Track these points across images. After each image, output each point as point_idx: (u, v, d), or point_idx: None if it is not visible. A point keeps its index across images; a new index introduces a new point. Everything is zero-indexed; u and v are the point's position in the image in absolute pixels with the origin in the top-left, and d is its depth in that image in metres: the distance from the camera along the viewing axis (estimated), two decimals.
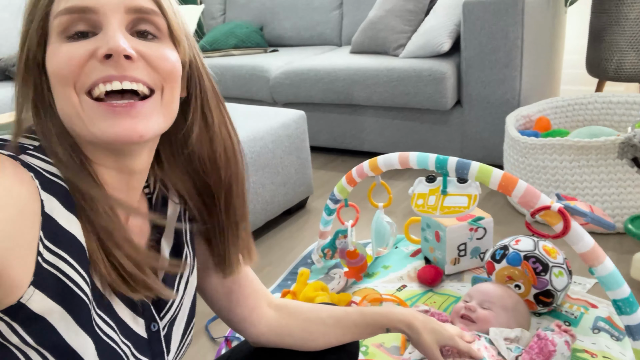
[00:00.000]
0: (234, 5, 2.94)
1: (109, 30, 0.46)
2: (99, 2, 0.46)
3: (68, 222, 0.47)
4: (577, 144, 1.38)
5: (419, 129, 2.02)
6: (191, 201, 0.62)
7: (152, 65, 0.49)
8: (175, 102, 0.53)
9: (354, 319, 0.75)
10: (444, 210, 0.96)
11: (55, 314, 0.45)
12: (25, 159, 0.47)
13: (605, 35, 1.90)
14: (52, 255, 0.45)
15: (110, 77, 0.46)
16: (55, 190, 0.47)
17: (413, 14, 2.04)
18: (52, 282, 0.45)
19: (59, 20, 0.46)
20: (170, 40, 0.51)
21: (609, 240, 1.40)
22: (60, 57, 0.47)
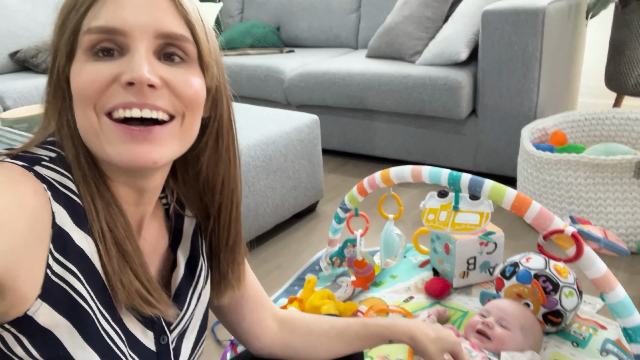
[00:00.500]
0: (252, 4, 2.95)
1: (135, 56, 0.46)
2: (129, 24, 0.46)
3: (78, 235, 0.47)
4: (592, 161, 1.36)
5: (432, 136, 2.00)
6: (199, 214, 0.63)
7: (175, 93, 0.48)
8: (195, 127, 0.53)
9: (356, 330, 0.75)
10: (455, 226, 0.95)
11: (61, 328, 0.45)
12: (40, 170, 0.47)
13: (625, 49, 1.87)
14: (61, 268, 0.45)
15: (131, 104, 0.46)
16: (67, 204, 0.47)
17: (431, 21, 2.03)
18: (60, 296, 0.45)
19: (88, 37, 0.46)
20: (199, 65, 0.51)
21: (621, 260, 1.38)
22: (83, 77, 0.46)
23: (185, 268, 0.62)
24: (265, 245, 1.61)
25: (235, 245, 0.65)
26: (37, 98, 2.24)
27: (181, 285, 0.61)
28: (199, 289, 0.65)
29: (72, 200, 0.48)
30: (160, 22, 0.47)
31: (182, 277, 0.62)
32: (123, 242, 0.50)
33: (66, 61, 0.48)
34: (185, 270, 0.62)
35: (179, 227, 0.64)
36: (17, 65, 2.59)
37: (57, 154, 0.50)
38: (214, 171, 0.59)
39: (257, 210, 1.51)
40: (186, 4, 0.49)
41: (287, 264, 1.49)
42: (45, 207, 0.44)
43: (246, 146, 1.45)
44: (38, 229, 0.43)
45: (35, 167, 0.47)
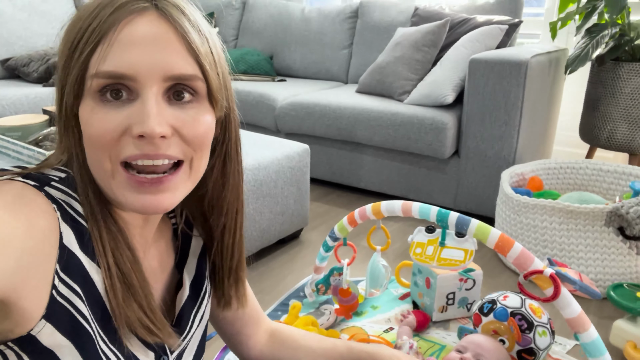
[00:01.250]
0: (247, 32, 3.03)
1: (146, 106, 0.45)
2: (137, 70, 0.45)
3: (83, 258, 0.48)
4: (567, 207, 1.44)
5: (416, 173, 2.08)
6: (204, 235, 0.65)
7: (185, 139, 0.49)
8: (205, 163, 0.53)
9: (341, 352, 0.78)
10: (440, 261, 1.00)
11: (63, 349, 0.45)
12: (49, 190, 0.47)
13: (600, 105, 2.00)
14: (66, 289, 0.45)
15: (143, 157, 0.46)
16: (74, 226, 0.48)
17: (420, 64, 2.13)
18: (63, 317, 0.45)
19: (97, 82, 0.46)
20: (208, 98, 0.51)
21: (590, 304, 1.44)
22: (95, 126, 0.46)
23: (190, 288, 0.64)
24: (250, 268, 1.62)
25: (239, 265, 0.67)
26: (26, 106, 2.23)
27: (185, 305, 0.62)
28: (202, 309, 0.66)
29: (79, 224, 0.48)
30: (169, 64, 0.46)
31: (187, 298, 0.63)
32: (129, 275, 0.51)
33: (74, 100, 0.48)
34: (190, 291, 0.64)
35: (185, 247, 0.66)
36: (8, 72, 2.59)
37: (66, 174, 0.51)
38: (220, 194, 0.61)
39: (244, 233, 1.53)
40: (195, 40, 0.48)
41: (270, 289, 1.51)
42: (54, 227, 0.45)
43: None
44: (45, 249, 0.43)
45: (46, 187, 0.47)
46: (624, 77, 1.91)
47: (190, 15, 0.49)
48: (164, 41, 0.46)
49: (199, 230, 0.66)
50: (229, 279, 0.67)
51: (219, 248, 0.64)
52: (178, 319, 0.62)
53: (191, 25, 0.48)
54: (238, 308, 0.70)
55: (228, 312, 0.71)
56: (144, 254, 0.59)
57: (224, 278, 0.67)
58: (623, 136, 1.97)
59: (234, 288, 0.68)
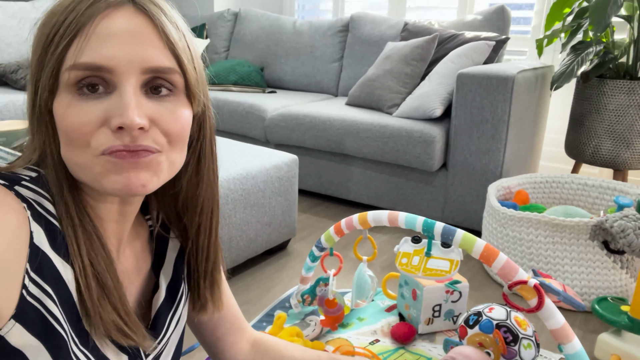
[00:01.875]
0: (239, 43, 3.04)
1: (124, 98, 0.45)
2: (115, 61, 0.45)
3: (55, 258, 0.47)
4: (552, 221, 1.45)
5: (404, 185, 2.08)
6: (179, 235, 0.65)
7: (162, 131, 0.49)
8: (181, 159, 0.53)
9: None
10: (426, 272, 1.00)
11: (33, 349, 0.45)
12: (19, 190, 0.47)
13: (585, 121, 2.03)
14: (37, 289, 0.45)
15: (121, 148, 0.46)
16: (46, 226, 0.47)
17: (409, 77, 2.15)
18: (33, 317, 0.44)
19: (74, 74, 0.45)
20: (187, 94, 0.51)
21: (576, 317, 1.45)
22: (72, 119, 0.46)
23: (166, 292, 0.63)
24: (236, 278, 1.61)
25: (214, 267, 0.65)
26: (12, 113, 2.21)
27: (161, 308, 0.62)
28: (178, 313, 0.65)
29: (51, 224, 0.47)
30: (146, 56, 0.46)
31: (163, 301, 0.62)
32: (103, 275, 0.50)
33: (49, 95, 0.47)
34: (166, 294, 0.63)
35: (162, 250, 0.65)
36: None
37: (37, 173, 0.50)
38: (195, 192, 0.60)
39: (231, 243, 1.52)
40: (172, 34, 0.48)
41: (256, 299, 1.49)
42: (24, 226, 0.44)
43: (226, 179, 1.47)
44: (15, 248, 0.43)
45: (16, 186, 0.47)
46: (609, 94, 1.94)
47: (167, 10, 0.50)
48: (141, 34, 0.46)
49: (176, 233, 0.65)
50: (204, 281, 0.65)
51: (193, 248, 0.64)
52: (154, 322, 0.61)
53: (168, 20, 0.49)
54: (214, 312, 0.69)
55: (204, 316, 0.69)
56: (118, 254, 0.58)
57: (199, 280, 0.65)
58: (608, 152, 2.00)
59: (209, 290, 0.66)
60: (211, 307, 0.67)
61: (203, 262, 0.64)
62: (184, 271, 0.67)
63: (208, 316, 0.70)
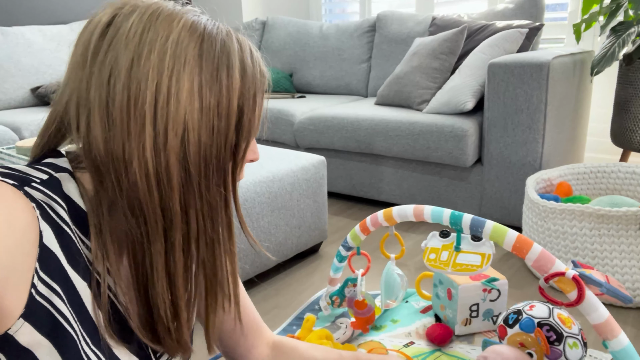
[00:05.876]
0: (268, 51, 3.06)
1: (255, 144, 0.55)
2: None
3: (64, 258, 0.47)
4: (597, 212, 1.35)
5: (437, 183, 2.02)
6: None
7: None
8: None
9: None
10: (456, 267, 0.94)
11: (42, 349, 0.45)
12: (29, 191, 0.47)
13: (630, 106, 1.90)
14: (46, 288, 0.45)
15: None
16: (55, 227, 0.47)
17: (438, 72, 2.09)
18: (43, 316, 0.44)
19: None
20: None
21: (628, 314, 1.34)
22: None
23: None
24: (266, 283, 1.59)
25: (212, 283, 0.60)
26: None
27: None
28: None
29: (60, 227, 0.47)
30: None
31: None
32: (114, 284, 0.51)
33: None
34: None
35: None
36: (38, 99, 2.69)
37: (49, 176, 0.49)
38: None
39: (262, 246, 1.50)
40: None
41: (286, 303, 1.47)
42: (33, 226, 0.44)
43: (252, 182, 1.46)
44: (25, 247, 0.43)
45: (25, 187, 0.47)
46: None
47: None
48: None
49: None
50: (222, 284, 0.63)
51: None
52: None
53: None
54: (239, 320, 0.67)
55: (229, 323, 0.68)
56: None
57: None
58: None
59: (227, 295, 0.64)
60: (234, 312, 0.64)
61: None
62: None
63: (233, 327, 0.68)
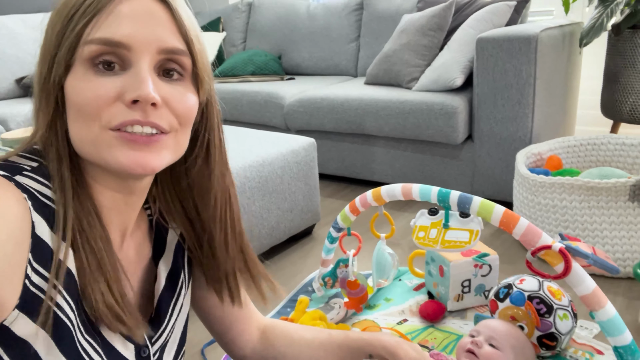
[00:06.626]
0: (255, 34, 3.02)
1: (140, 73, 0.47)
2: (133, 39, 0.47)
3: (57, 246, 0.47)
4: (587, 184, 1.36)
5: (429, 162, 2.01)
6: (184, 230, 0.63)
7: (173, 111, 0.50)
8: (187, 140, 0.54)
9: (338, 342, 0.75)
10: (444, 244, 0.95)
11: (38, 339, 0.45)
12: (20, 179, 0.47)
13: (620, 77, 1.90)
14: (39, 279, 0.45)
15: (134, 122, 0.47)
16: (47, 215, 0.47)
17: (427, 49, 2.07)
18: (37, 307, 0.44)
19: (89, 48, 0.46)
20: (194, 79, 0.52)
21: (619, 285, 1.36)
22: (87, 93, 0.47)
23: (167, 280, 0.62)
24: None
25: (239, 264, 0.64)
26: None
27: (163, 297, 0.61)
28: (180, 300, 0.64)
29: (52, 210, 0.47)
30: (162, 37, 0.48)
31: (164, 289, 0.61)
32: (99, 254, 0.50)
33: (64, 70, 0.48)
34: (167, 282, 0.62)
35: (162, 239, 0.64)
36: (23, 90, 2.65)
37: (38, 163, 0.50)
38: (207, 183, 0.59)
39: (252, 231, 1.50)
40: (185, 19, 0.50)
41: (281, 286, 1.47)
42: (25, 217, 0.44)
43: (242, 167, 1.46)
44: (18, 239, 0.43)
45: (16, 176, 0.47)
46: None
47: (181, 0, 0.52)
48: (158, 17, 0.48)
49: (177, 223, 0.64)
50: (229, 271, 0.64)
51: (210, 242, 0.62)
52: (157, 312, 0.60)
53: (182, 8, 0.51)
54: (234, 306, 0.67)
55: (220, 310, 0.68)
56: (122, 246, 0.58)
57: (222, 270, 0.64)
58: None
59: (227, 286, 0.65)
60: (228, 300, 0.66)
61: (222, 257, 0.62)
62: (184, 260, 0.65)
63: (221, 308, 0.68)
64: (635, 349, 0.75)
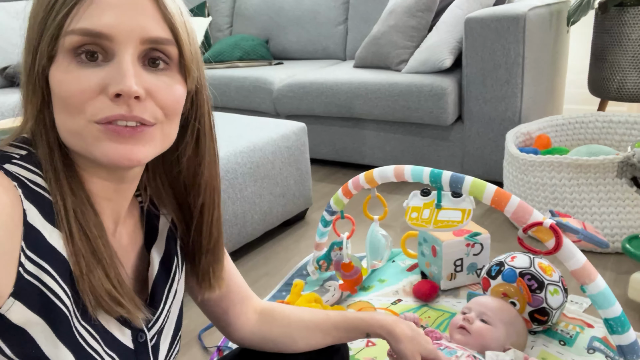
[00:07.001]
0: (241, 18, 2.98)
1: (123, 64, 0.46)
2: (115, 29, 0.45)
3: (50, 233, 0.47)
4: (575, 162, 1.37)
5: (419, 143, 2.02)
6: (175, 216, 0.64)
7: (158, 104, 0.49)
8: (175, 130, 0.53)
9: (335, 322, 0.76)
10: (437, 224, 0.96)
11: (35, 326, 0.45)
12: (10, 168, 0.47)
13: (607, 55, 1.91)
14: (33, 266, 0.45)
15: (118, 117, 0.46)
16: (38, 202, 0.47)
17: (416, 30, 2.06)
18: (32, 294, 0.45)
19: (70, 39, 0.45)
20: (181, 69, 0.51)
21: (608, 260, 1.38)
22: (70, 85, 0.46)
23: (160, 266, 0.62)
24: (254, 252, 1.60)
25: (217, 245, 0.65)
26: None
27: (157, 282, 0.61)
28: (174, 286, 0.65)
29: (43, 197, 0.47)
30: (146, 27, 0.47)
31: (158, 275, 0.62)
32: (95, 241, 0.50)
33: (47, 61, 0.47)
34: (161, 268, 0.62)
35: (154, 226, 0.64)
36: (6, 81, 2.60)
37: (27, 151, 0.50)
38: (197, 172, 0.60)
39: (245, 217, 1.50)
40: (170, 6, 0.49)
41: (276, 271, 1.48)
42: (17, 205, 0.44)
43: (232, 153, 1.45)
44: (9, 227, 0.43)
45: (6, 164, 0.47)
46: (630, 23, 1.81)
47: None
48: (141, 5, 0.47)
49: (168, 210, 0.64)
50: (206, 258, 0.65)
51: (198, 227, 0.63)
52: (151, 298, 0.61)
53: None
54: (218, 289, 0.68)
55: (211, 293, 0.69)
56: (115, 231, 0.58)
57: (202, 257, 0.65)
58: (634, 85, 1.88)
59: (211, 268, 0.66)
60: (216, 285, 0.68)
61: (206, 240, 0.64)
62: (176, 246, 0.66)
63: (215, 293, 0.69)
64: (625, 321, 0.76)
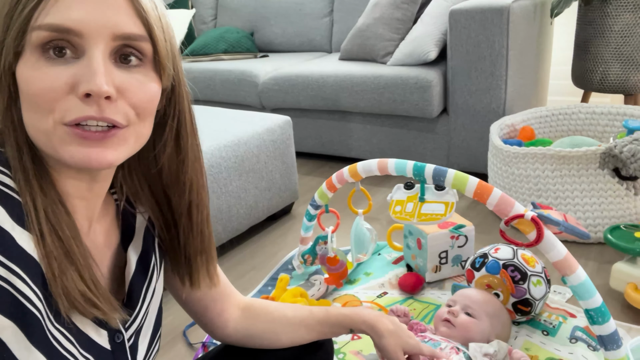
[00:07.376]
0: (226, 10, 2.95)
1: (92, 63, 0.44)
2: (84, 25, 0.43)
3: (20, 235, 0.45)
4: (558, 153, 1.38)
5: (405, 136, 2.02)
6: (152, 214, 0.62)
7: (130, 103, 0.47)
8: (148, 130, 0.51)
9: (318, 318, 0.75)
10: (421, 217, 0.96)
11: (7, 330, 0.44)
12: None
13: (590, 46, 1.92)
14: (3, 269, 0.43)
15: (87, 118, 0.44)
16: (7, 203, 0.45)
17: (401, 22, 2.05)
18: (3, 298, 0.43)
19: (37, 35, 0.43)
20: (155, 66, 0.49)
21: (590, 250, 1.40)
22: (38, 84, 0.44)
23: (137, 264, 0.61)
24: (240, 247, 1.59)
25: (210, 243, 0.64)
26: None
27: (134, 281, 0.60)
28: (152, 284, 0.63)
29: (12, 198, 0.46)
30: (117, 22, 0.45)
31: (135, 274, 0.60)
32: (67, 242, 0.48)
33: (14, 57, 0.45)
34: (138, 267, 0.61)
35: (130, 224, 0.63)
36: None
37: None
38: (180, 169, 0.58)
39: (230, 212, 1.49)
40: (145, 4, 0.47)
41: (262, 265, 1.48)
42: None
43: (217, 147, 1.44)
44: None
45: None
46: (613, 15, 1.82)
47: None
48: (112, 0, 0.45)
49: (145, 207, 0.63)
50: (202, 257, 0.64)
51: (189, 228, 0.62)
52: (128, 296, 0.60)
53: None
54: (211, 287, 0.67)
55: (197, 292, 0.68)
56: (89, 229, 0.56)
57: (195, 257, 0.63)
58: (616, 77, 1.89)
59: (205, 267, 0.65)
60: (208, 282, 0.66)
61: (198, 239, 0.62)
62: (154, 244, 0.64)
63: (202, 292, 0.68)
64: (606, 311, 0.77)
